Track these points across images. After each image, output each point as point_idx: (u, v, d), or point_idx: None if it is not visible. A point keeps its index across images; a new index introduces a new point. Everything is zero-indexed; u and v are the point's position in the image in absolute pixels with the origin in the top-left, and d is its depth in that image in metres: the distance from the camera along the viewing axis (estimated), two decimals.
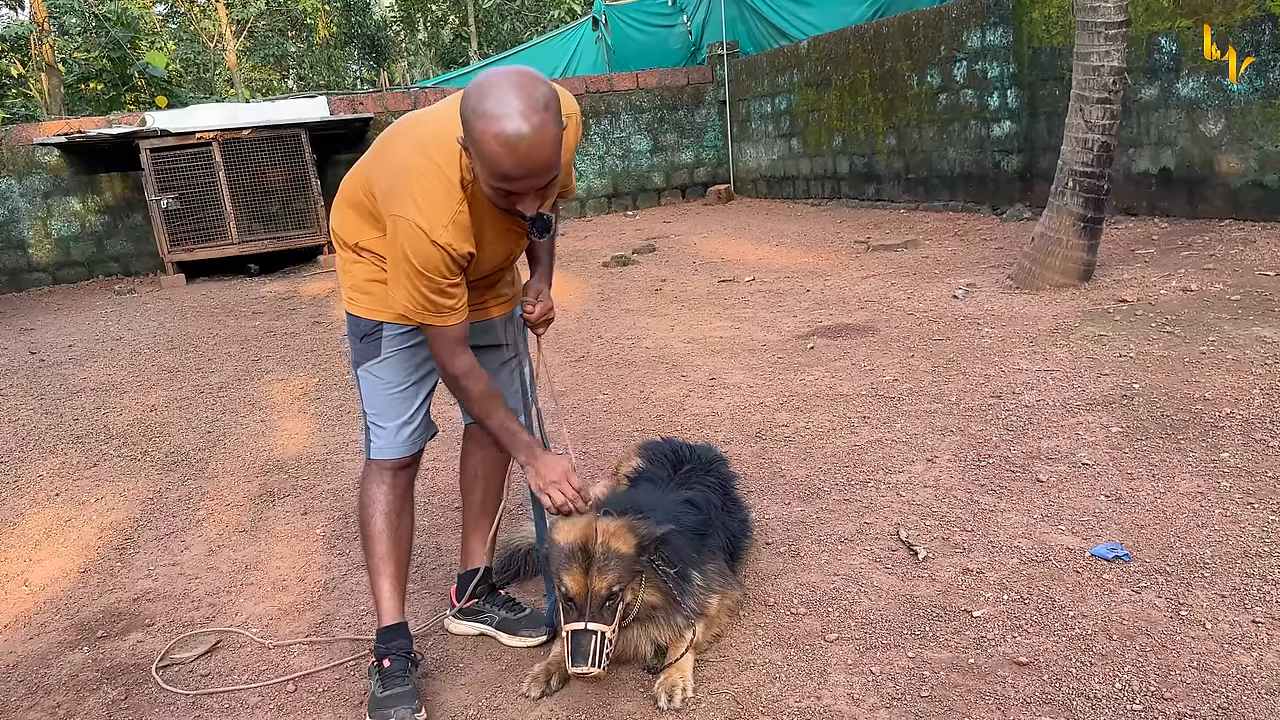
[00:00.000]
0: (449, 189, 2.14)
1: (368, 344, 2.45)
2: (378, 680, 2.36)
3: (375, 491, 2.50)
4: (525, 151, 1.94)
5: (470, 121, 1.96)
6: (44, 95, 20.82)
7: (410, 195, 2.13)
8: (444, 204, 2.13)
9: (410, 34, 34.58)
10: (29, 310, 10.04)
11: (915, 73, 9.89)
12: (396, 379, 2.47)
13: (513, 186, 2.02)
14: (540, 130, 1.94)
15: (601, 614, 2.22)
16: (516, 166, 1.96)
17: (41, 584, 3.39)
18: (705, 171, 14.44)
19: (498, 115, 1.92)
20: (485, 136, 1.94)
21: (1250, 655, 2.19)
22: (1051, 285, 5.70)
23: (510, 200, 2.07)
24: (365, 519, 2.51)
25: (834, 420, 4.11)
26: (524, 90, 1.95)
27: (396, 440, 2.48)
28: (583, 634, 2.20)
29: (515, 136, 1.92)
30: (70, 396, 6.00)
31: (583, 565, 2.24)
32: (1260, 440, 3.28)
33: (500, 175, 1.99)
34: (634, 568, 2.28)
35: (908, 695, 2.21)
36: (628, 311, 6.96)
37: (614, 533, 2.28)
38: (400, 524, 2.52)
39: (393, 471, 2.51)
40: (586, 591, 2.23)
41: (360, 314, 2.44)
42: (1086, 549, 2.75)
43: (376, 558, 2.49)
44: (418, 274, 2.15)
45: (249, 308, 8.76)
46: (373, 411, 2.48)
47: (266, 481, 4.20)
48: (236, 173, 10.70)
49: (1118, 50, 5.32)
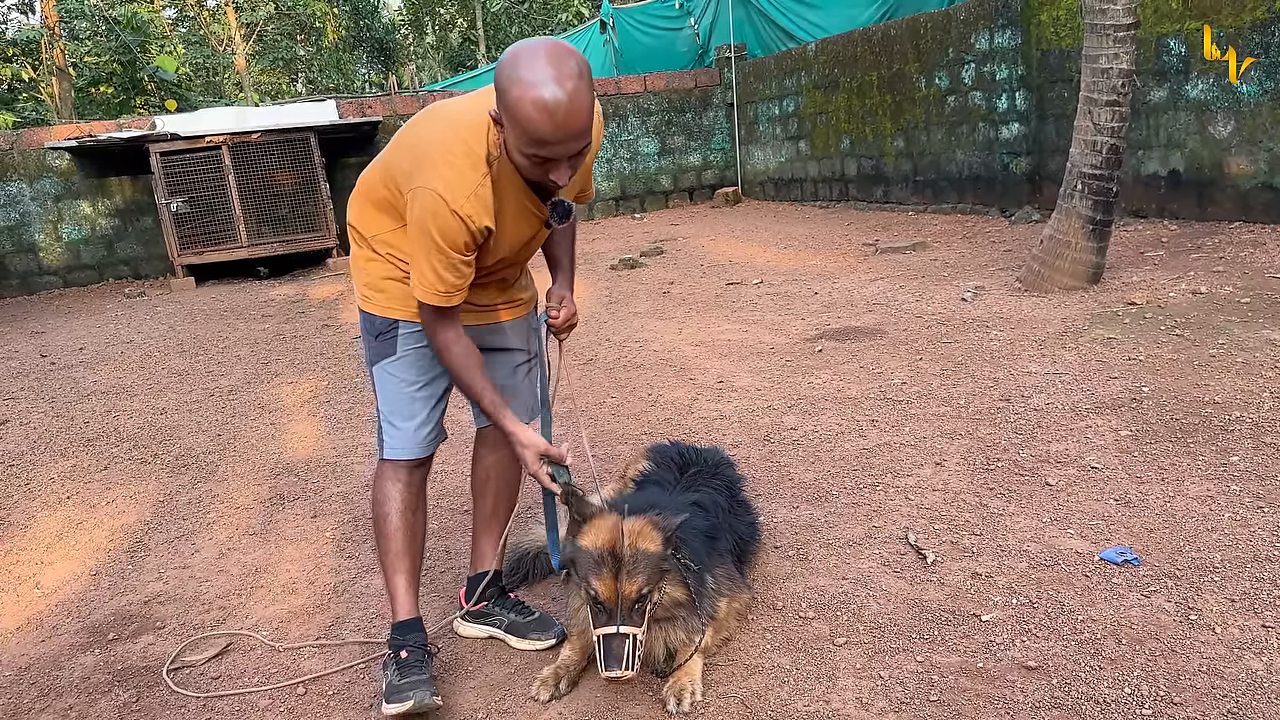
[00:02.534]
0: (474, 162, 2.17)
1: (383, 342, 2.46)
2: (395, 670, 2.37)
3: (390, 489, 2.51)
4: (563, 116, 1.98)
5: (506, 89, 1.99)
6: (54, 99, 20.94)
7: (434, 166, 2.16)
8: (468, 175, 2.16)
9: (419, 37, 34.67)
10: (40, 313, 10.09)
11: (923, 75, 9.88)
12: (413, 377, 2.47)
13: (548, 152, 2.04)
14: (576, 96, 1.98)
15: (632, 616, 2.23)
16: (555, 131, 1.99)
17: (53, 586, 3.40)
18: (713, 174, 14.44)
19: (535, 82, 1.95)
20: (522, 102, 1.97)
21: (1260, 660, 2.19)
22: (1060, 288, 5.69)
23: (544, 169, 2.10)
24: (380, 516, 2.52)
25: (842, 423, 4.11)
26: (559, 58, 1.98)
27: (414, 440, 2.50)
28: (615, 638, 2.20)
29: (553, 101, 1.95)
30: (81, 399, 6.03)
31: (612, 569, 2.24)
32: (1270, 444, 3.27)
33: (537, 140, 2.01)
34: (662, 566, 2.28)
35: (916, 699, 2.21)
36: (636, 314, 6.96)
37: (640, 533, 2.28)
38: (415, 521, 2.54)
39: (408, 470, 2.52)
40: (616, 595, 2.23)
41: (376, 311, 2.45)
42: (1096, 553, 2.74)
43: (391, 554, 2.50)
44: (437, 249, 2.17)
45: (258, 311, 8.79)
46: (388, 410, 2.49)
47: (276, 484, 4.22)
48: (246, 176, 10.75)
49: (1126, 52, 5.31)
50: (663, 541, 2.28)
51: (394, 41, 32.52)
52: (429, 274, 2.21)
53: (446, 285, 2.23)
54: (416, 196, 2.17)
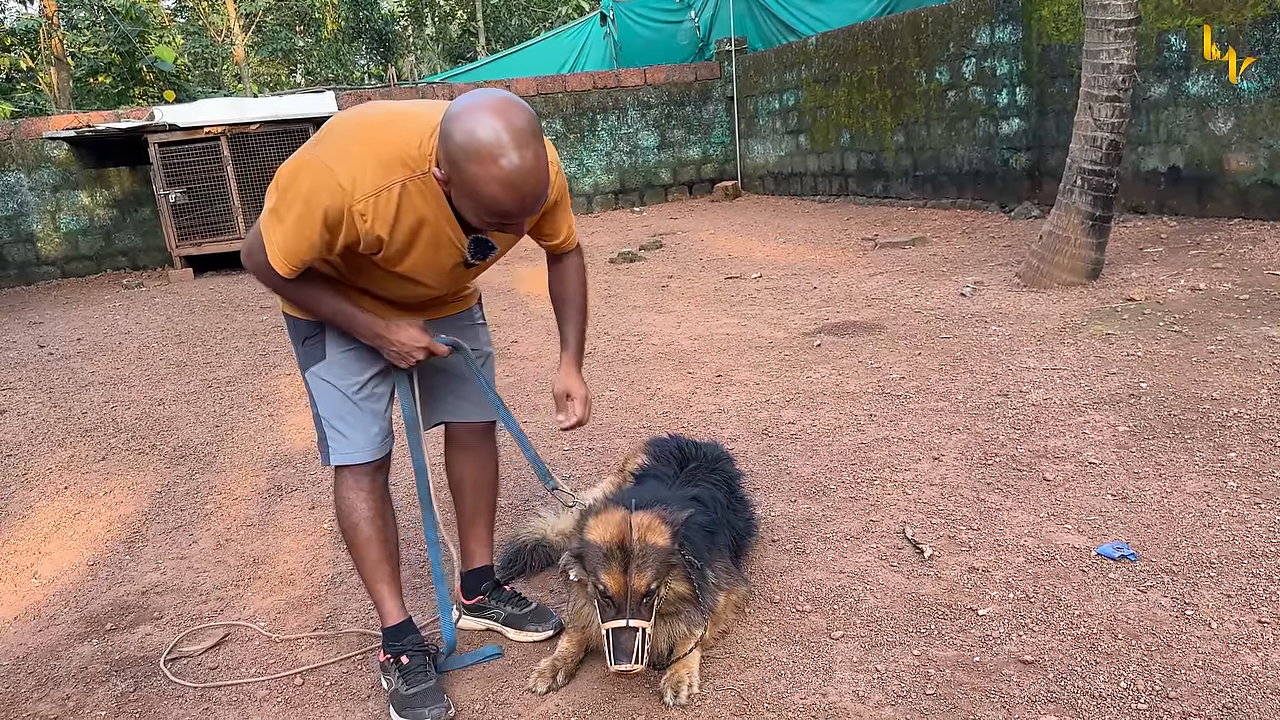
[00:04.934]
0: (386, 167, 2.01)
1: (310, 347, 2.36)
2: (400, 678, 2.35)
3: (354, 499, 2.42)
4: (529, 188, 1.91)
5: (460, 164, 1.88)
6: (53, 89, 20.88)
7: (342, 149, 2.02)
8: (372, 176, 2.00)
9: (418, 29, 34.58)
10: (37, 304, 10.08)
11: (924, 70, 9.87)
12: (348, 379, 2.36)
13: (511, 220, 1.99)
14: (536, 161, 1.90)
15: (640, 610, 2.23)
16: (517, 203, 1.92)
17: (51, 576, 3.41)
18: (712, 168, 14.42)
19: (493, 155, 1.85)
20: (481, 180, 1.87)
21: (1256, 655, 2.19)
22: (1059, 283, 5.69)
23: (504, 228, 2.05)
24: (349, 527, 2.44)
25: (840, 418, 4.11)
26: (509, 122, 1.87)
27: (364, 443, 2.39)
28: (624, 631, 2.21)
29: (517, 175, 1.87)
30: (79, 390, 6.03)
31: (621, 564, 2.24)
32: (1268, 440, 3.28)
33: (500, 213, 1.95)
34: (670, 561, 2.28)
35: (913, 693, 2.22)
36: (634, 308, 6.96)
37: (649, 527, 2.28)
38: (385, 525, 2.47)
39: (369, 476, 2.43)
40: (626, 589, 2.23)
41: (298, 315, 2.35)
42: (1093, 548, 2.75)
43: (369, 565, 2.46)
44: (309, 221, 2.00)
45: (256, 302, 8.77)
46: (331, 416, 2.38)
47: (274, 476, 4.22)
48: (244, 167, 10.73)
49: (1127, 48, 5.30)
50: (671, 536, 2.29)
51: (393, 33, 32.41)
52: (290, 235, 2.03)
53: (296, 252, 2.04)
54: (307, 165, 2.03)
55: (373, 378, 2.40)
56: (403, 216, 2.07)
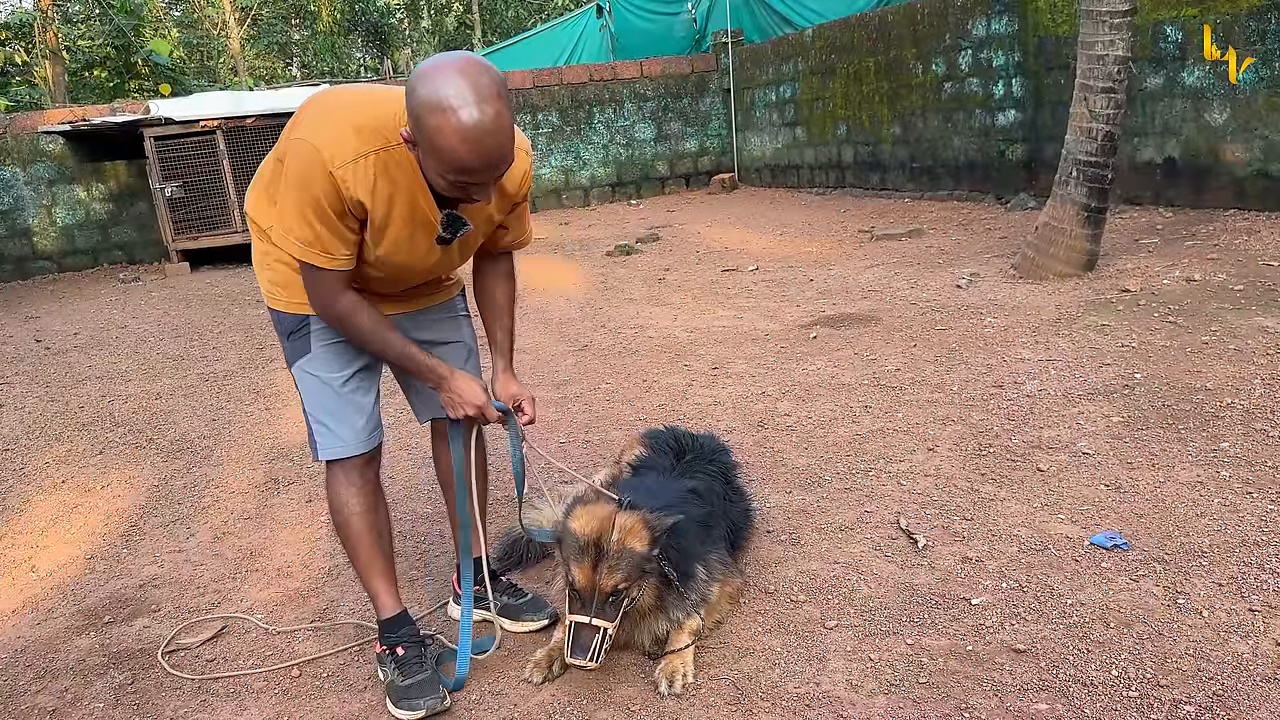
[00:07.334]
0: (364, 137, 2.02)
1: (296, 341, 2.35)
2: (395, 669, 2.36)
3: (345, 494, 2.42)
4: (487, 143, 1.88)
5: (422, 117, 1.88)
6: (48, 83, 20.80)
7: (317, 124, 2.04)
8: (351, 143, 2.01)
9: (414, 22, 34.48)
10: (34, 298, 10.07)
11: (920, 61, 9.86)
12: (334, 372, 2.35)
13: (473, 179, 1.96)
14: (498, 118, 1.87)
15: (605, 611, 2.23)
16: (478, 159, 1.90)
17: (48, 570, 3.41)
18: (709, 160, 14.41)
19: (453, 108, 1.84)
20: (443, 131, 1.86)
21: (1246, 643, 2.21)
22: (1055, 275, 5.70)
23: (466, 190, 2.01)
24: (341, 523, 2.44)
25: (836, 409, 4.13)
26: (473, 79, 1.86)
27: (352, 437, 2.38)
28: (585, 628, 2.21)
29: (475, 127, 1.85)
30: (76, 384, 6.03)
31: (593, 560, 2.23)
32: (1260, 430, 3.29)
33: (460, 169, 1.92)
34: (644, 566, 2.27)
35: (906, 682, 2.23)
36: (631, 300, 6.96)
37: (630, 529, 2.26)
38: (378, 519, 2.47)
39: (359, 470, 2.42)
40: (593, 586, 2.23)
41: (283, 309, 2.34)
42: (1086, 537, 2.76)
43: (362, 559, 2.46)
44: (311, 202, 2.02)
45: (253, 296, 8.76)
46: (319, 410, 2.37)
47: (271, 469, 4.23)
48: (240, 160, 10.71)
49: (1123, 39, 5.30)
50: (650, 541, 2.27)
51: (389, 26, 32.31)
52: (298, 222, 2.04)
53: (317, 234, 2.06)
54: (293, 147, 2.04)
55: (359, 371, 2.39)
56: (380, 187, 2.06)
